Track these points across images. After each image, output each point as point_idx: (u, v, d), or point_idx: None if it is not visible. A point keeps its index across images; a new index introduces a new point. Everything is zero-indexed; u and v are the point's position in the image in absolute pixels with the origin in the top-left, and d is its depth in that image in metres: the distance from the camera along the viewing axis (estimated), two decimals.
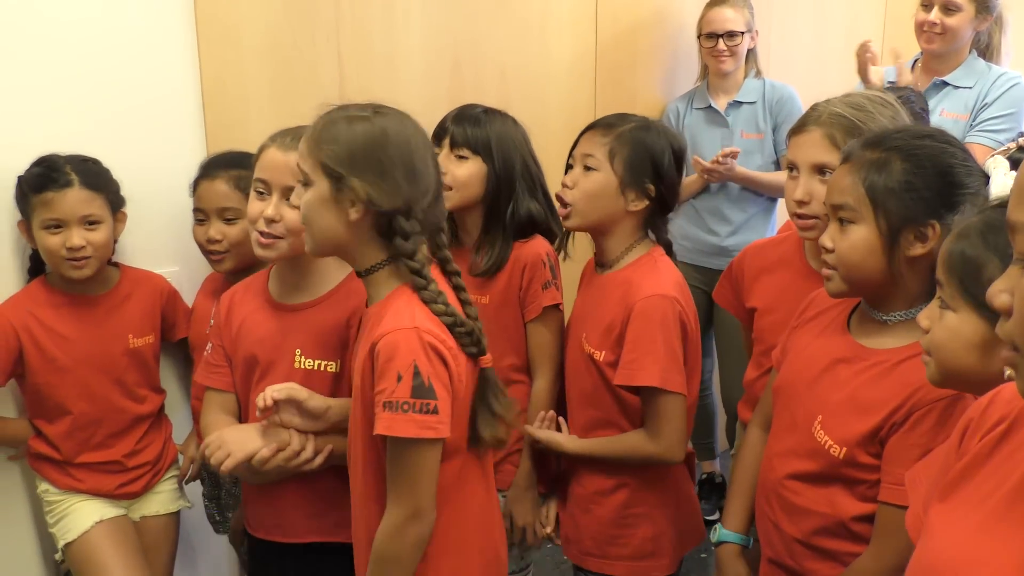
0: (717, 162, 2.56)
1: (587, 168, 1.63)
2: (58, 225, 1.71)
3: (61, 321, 1.80)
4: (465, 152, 1.75)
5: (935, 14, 2.45)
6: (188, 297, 2.01)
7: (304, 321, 1.55)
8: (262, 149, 1.55)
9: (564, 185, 1.66)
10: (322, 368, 1.53)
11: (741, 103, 2.71)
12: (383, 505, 1.33)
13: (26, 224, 1.75)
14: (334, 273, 1.57)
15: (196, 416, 1.94)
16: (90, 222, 1.74)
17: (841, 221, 1.31)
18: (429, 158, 1.35)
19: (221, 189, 1.85)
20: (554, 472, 1.81)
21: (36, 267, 1.83)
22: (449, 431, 1.30)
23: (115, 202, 1.81)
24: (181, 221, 1.95)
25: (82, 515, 1.85)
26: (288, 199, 1.49)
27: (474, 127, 1.76)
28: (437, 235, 1.40)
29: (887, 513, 1.26)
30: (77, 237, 1.71)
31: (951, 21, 2.44)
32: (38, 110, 1.79)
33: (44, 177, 1.71)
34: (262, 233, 1.51)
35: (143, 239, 1.95)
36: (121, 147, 1.87)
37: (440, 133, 1.78)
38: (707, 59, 2.73)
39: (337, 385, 1.53)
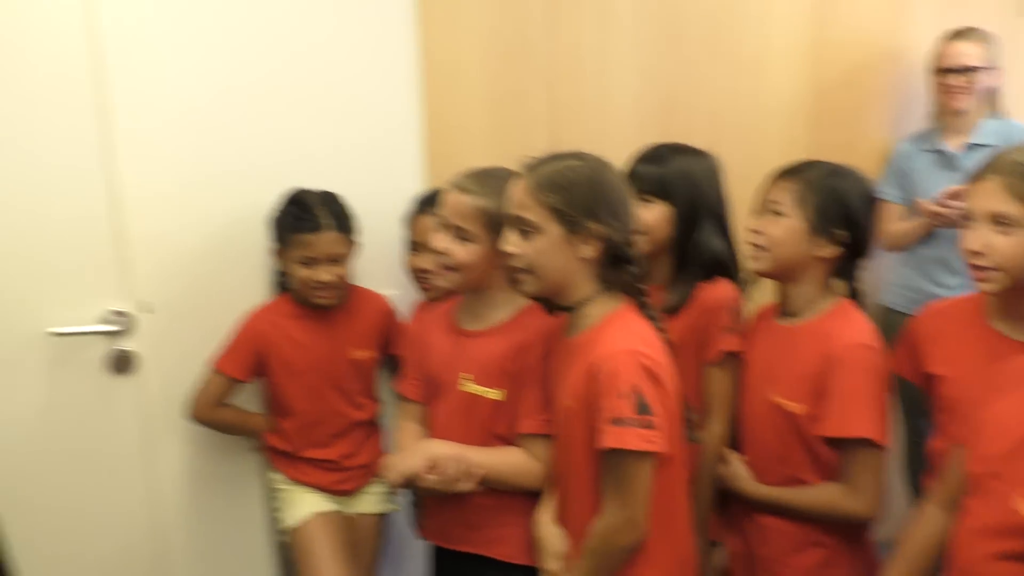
0: (943, 204, 2.39)
1: (776, 213, 1.62)
2: (310, 261, 1.97)
3: (299, 330, 2.05)
4: (649, 196, 1.77)
5: None
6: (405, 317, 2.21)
7: (475, 348, 1.66)
8: (447, 190, 1.70)
9: (753, 230, 1.67)
10: (484, 395, 1.64)
11: (977, 146, 2.51)
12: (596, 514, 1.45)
13: (281, 253, 2.01)
14: (508, 305, 1.68)
15: None
16: (337, 259, 1.98)
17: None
18: (630, 189, 1.51)
19: (432, 223, 2.02)
20: (724, 520, 1.78)
21: (282, 283, 2.11)
22: (666, 446, 1.40)
23: (354, 237, 2.05)
24: (401, 248, 2.17)
25: (303, 505, 2.08)
26: (459, 237, 1.63)
27: (657, 167, 1.78)
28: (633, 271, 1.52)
29: None
30: (325, 273, 1.96)
31: None
32: (285, 145, 2.08)
33: (301, 220, 1.96)
34: (440, 264, 1.67)
35: (369, 262, 2.18)
36: (353, 178, 2.11)
37: (629, 175, 1.82)
38: (940, 96, 2.57)
39: (497, 413, 1.62)
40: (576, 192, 1.43)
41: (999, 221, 1.45)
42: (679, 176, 1.77)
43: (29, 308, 1.77)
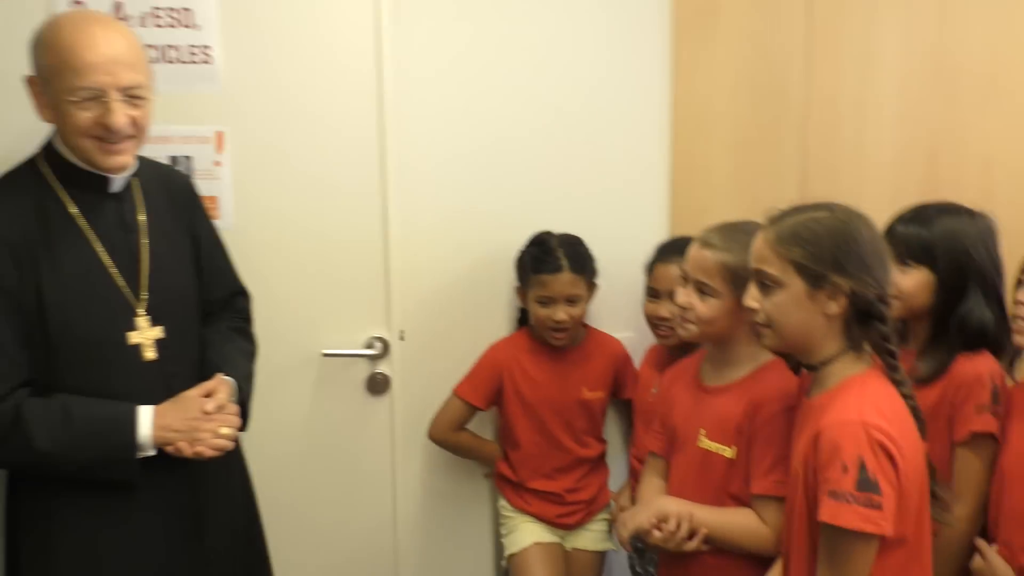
0: None
1: None
2: (547, 301, 2.06)
3: (534, 365, 2.14)
4: (909, 261, 1.68)
5: None
6: (637, 361, 2.23)
7: (712, 403, 1.65)
8: (691, 243, 1.70)
9: (1018, 301, 1.53)
10: (719, 451, 1.62)
11: None
12: None
13: (522, 291, 2.13)
14: (750, 361, 1.65)
15: (631, 472, 2.17)
16: (573, 300, 2.06)
17: None
18: (885, 242, 1.44)
19: (675, 273, 2.00)
20: None
21: (523, 319, 2.22)
22: (892, 528, 1.31)
23: (592, 279, 2.11)
24: (640, 294, 2.19)
25: (525, 533, 2.16)
26: (700, 292, 1.63)
27: (920, 228, 1.68)
28: (882, 335, 1.43)
29: None
30: (561, 313, 2.04)
31: None
32: (536, 188, 2.18)
33: (541, 260, 2.06)
34: (681, 317, 1.68)
35: (608, 305, 2.23)
36: (598, 222, 2.18)
37: (887, 235, 1.73)
38: None
39: (731, 471, 1.60)
40: (820, 245, 1.38)
41: None
42: (945, 240, 1.66)
43: (308, 331, 1.99)
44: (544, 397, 2.14)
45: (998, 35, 2.21)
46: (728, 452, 1.61)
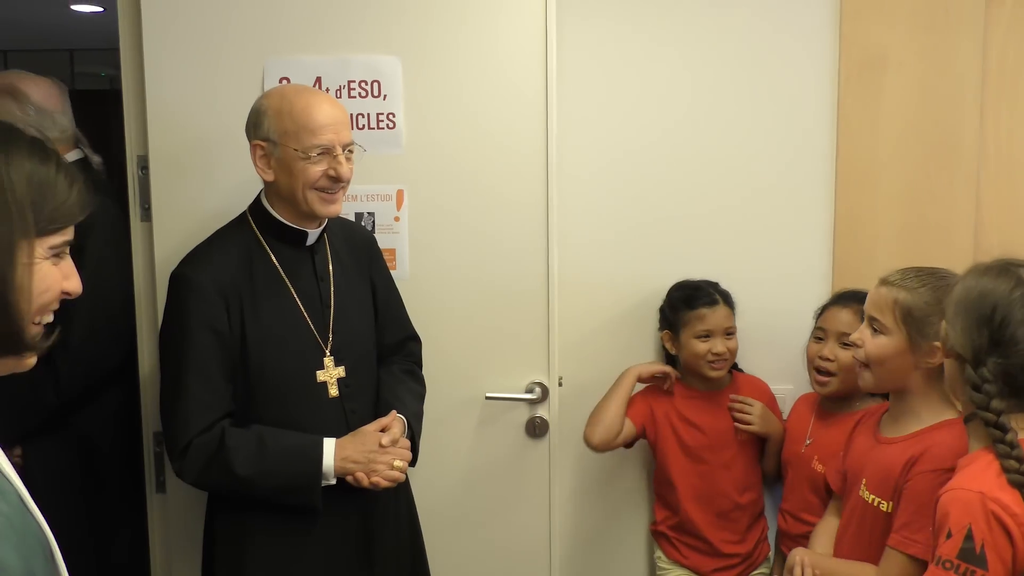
0: None
1: None
2: (707, 334, 2.11)
3: (689, 409, 2.17)
4: None
5: None
6: (786, 412, 2.21)
7: (879, 455, 1.63)
8: (879, 284, 1.69)
9: None
10: (876, 504, 1.60)
11: None
12: None
13: (672, 335, 2.18)
14: (930, 416, 1.62)
15: (778, 532, 2.14)
16: (729, 333, 2.12)
17: None
18: (1021, 319, 1.33)
19: (846, 317, 2.00)
20: None
21: (670, 363, 2.24)
22: None
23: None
24: (800, 349, 2.17)
25: None
26: (872, 329, 1.63)
27: None
28: None
29: None
30: (720, 344, 2.11)
31: None
32: (693, 241, 2.24)
33: (694, 297, 2.14)
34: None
35: (764, 355, 2.24)
36: (757, 275, 2.22)
37: None
38: None
39: (887, 525, 1.57)
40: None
41: None
42: None
43: (473, 375, 2.11)
44: (704, 440, 2.16)
45: None
46: (885, 506, 1.59)
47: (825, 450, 1.98)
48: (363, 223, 2.05)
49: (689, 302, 2.15)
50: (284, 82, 1.98)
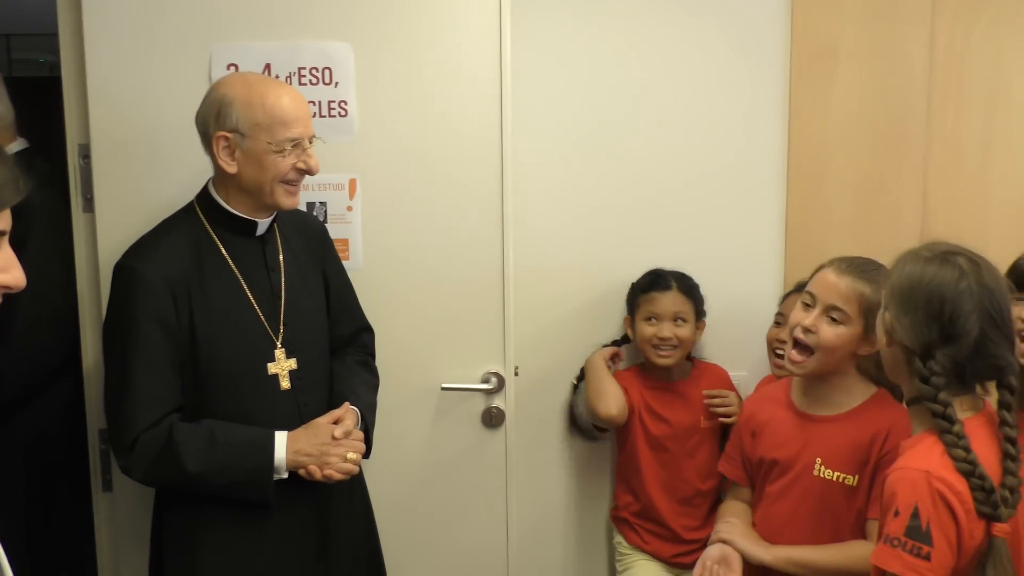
0: None
1: None
2: (655, 318, 2.13)
3: (652, 399, 2.18)
4: None
5: None
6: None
7: (828, 433, 1.66)
8: (819, 268, 1.72)
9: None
10: (840, 480, 1.62)
11: None
12: None
13: (631, 318, 2.20)
14: (861, 390, 1.68)
15: None
16: (679, 319, 2.12)
17: None
18: (968, 311, 1.34)
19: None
20: None
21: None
22: None
23: (699, 310, 2.16)
24: (756, 334, 2.19)
25: (641, 571, 2.18)
26: (829, 317, 1.64)
27: None
28: (1000, 391, 1.38)
29: None
30: (667, 330, 2.11)
31: None
32: (650, 228, 2.24)
33: (652, 283, 2.16)
34: (796, 342, 1.68)
35: (719, 344, 2.26)
36: (710, 263, 2.22)
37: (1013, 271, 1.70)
38: None
39: (852, 498, 1.60)
40: (889, 283, 1.41)
41: None
42: None
43: (428, 366, 2.09)
44: (668, 430, 2.17)
45: None
46: (852, 480, 1.62)
47: None
48: (315, 213, 2.01)
49: (645, 286, 2.18)
50: (232, 69, 1.93)
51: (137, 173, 1.94)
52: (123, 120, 1.93)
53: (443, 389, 2.09)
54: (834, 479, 1.64)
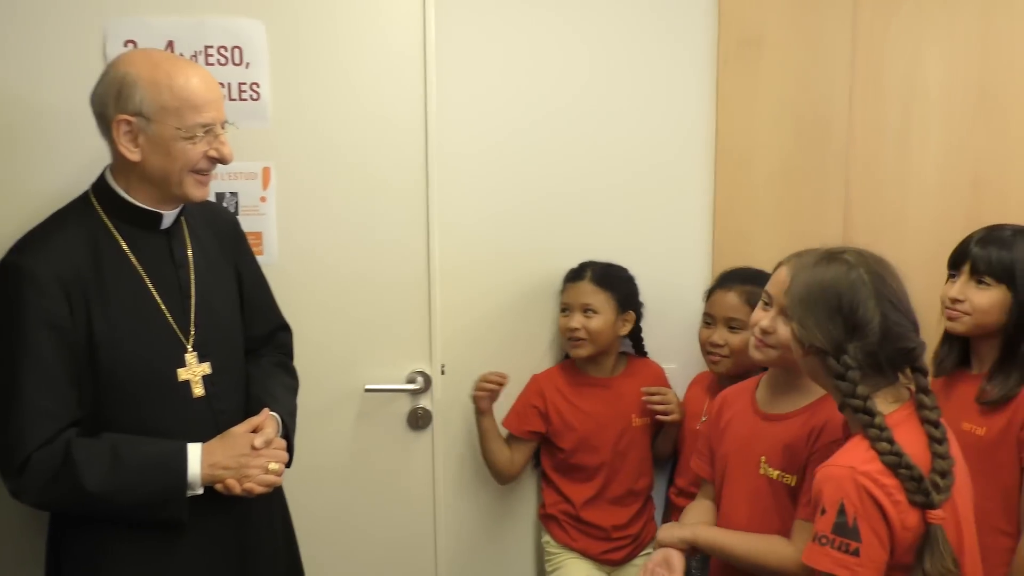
0: None
1: None
2: (566, 308, 2.09)
3: (580, 397, 2.14)
4: (987, 280, 1.69)
5: None
6: (679, 391, 2.20)
7: (774, 431, 1.63)
8: (779, 265, 1.69)
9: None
10: (781, 479, 1.61)
11: None
12: None
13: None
14: (815, 390, 1.63)
15: (669, 506, 2.15)
16: (589, 311, 2.07)
17: None
18: (865, 300, 1.37)
19: (732, 301, 2.01)
20: None
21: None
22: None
23: (622, 301, 2.10)
24: (685, 325, 2.17)
25: (571, 570, 2.14)
26: (786, 316, 1.59)
27: (1000, 251, 1.69)
28: (916, 375, 1.41)
29: None
30: (575, 321, 2.08)
31: None
32: (579, 222, 2.18)
33: (570, 273, 2.12)
34: (757, 338, 1.65)
35: (650, 335, 2.22)
36: (639, 255, 2.18)
37: (960, 256, 1.75)
38: None
39: (794, 499, 1.59)
40: (792, 291, 1.44)
41: None
42: None
43: (350, 366, 1.98)
44: (595, 427, 2.13)
45: None
46: (792, 480, 1.60)
47: None
48: (225, 204, 1.87)
49: (566, 276, 2.14)
50: (130, 46, 1.76)
51: (23, 161, 1.76)
52: (6, 103, 1.74)
53: (367, 391, 1.98)
54: (776, 478, 1.62)
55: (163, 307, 1.54)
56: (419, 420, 2.04)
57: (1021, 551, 1.62)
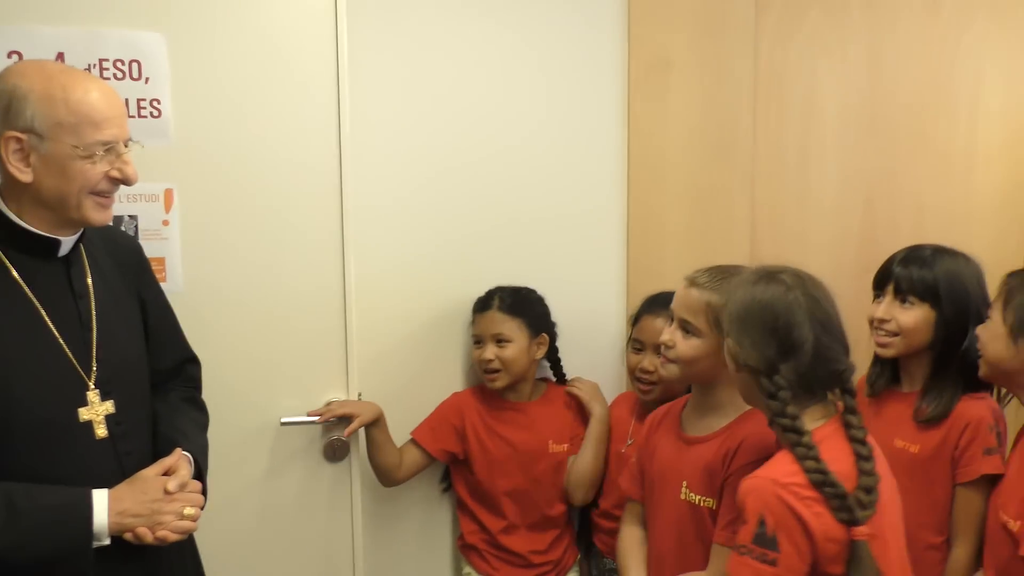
0: None
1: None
2: (478, 339, 2.05)
3: (498, 421, 2.09)
4: (911, 299, 1.73)
5: None
6: None
7: (694, 454, 1.64)
8: (684, 282, 1.70)
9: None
10: (701, 503, 1.61)
11: None
12: None
13: None
14: (731, 410, 1.64)
15: (594, 527, 2.13)
16: (501, 340, 2.03)
17: None
18: (801, 320, 1.39)
19: (660, 325, 1.99)
20: None
21: None
22: None
23: (534, 327, 2.07)
24: (604, 347, 2.17)
25: None
26: (684, 330, 1.63)
27: (920, 270, 1.73)
28: (843, 395, 1.43)
29: None
30: (489, 352, 2.03)
31: None
32: (491, 243, 2.15)
33: (478, 302, 2.09)
34: (663, 355, 1.67)
35: (566, 357, 2.19)
36: (554, 275, 2.17)
37: (884, 277, 1.79)
38: None
39: (714, 523, 1.58)
40: (725, 311, 1.46)
41: None
42: (947, 279, 1.72)
43: (263, 397, 1.87)
44: (511, 453, 2.09)
45: (924, 90, 2.34)
46: (712, 503, 1.60)
47: None
48: (123, 228, 1.74)
49: (474, 306, 2.10)
50: (15, 57, 1.62)
51: None
52: None
53: (283, 424, 1.88)
54: (697, 503, 1.62)
55: (61, 342, 1.40)
56: (336, 452, 1.95)
57: (951, 566, 1.67)
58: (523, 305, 2.08)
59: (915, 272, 1.72)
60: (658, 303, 2.04)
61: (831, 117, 2.30)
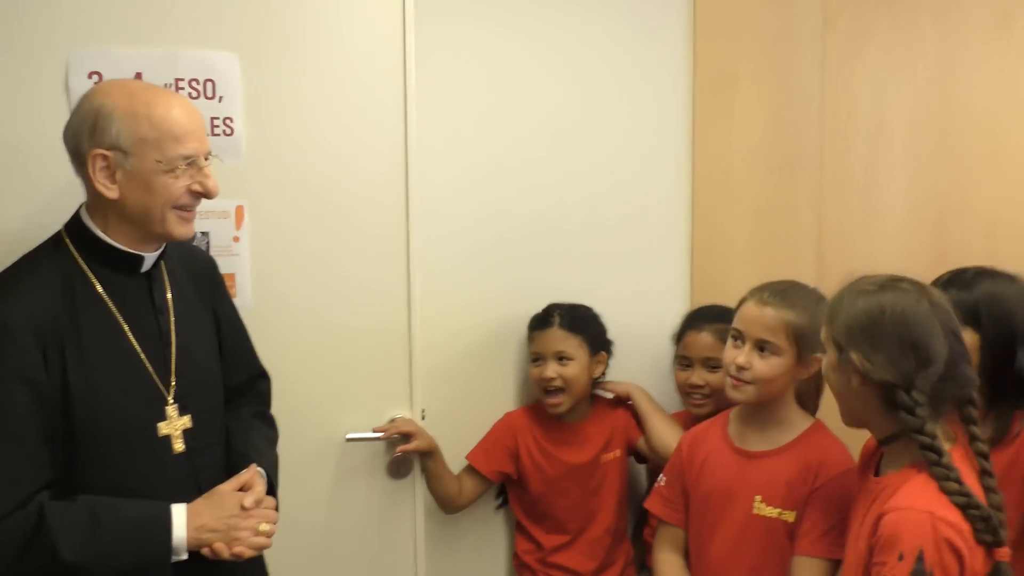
0: None
1: None
2: (538, 358, 2.03)
3: (548, 440, 2.08)
4: None
5: None
6: None
7: (765, 468, 1.61)
8: (742, 301, 1.69)
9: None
10: (780, 517, 1.58)
11: None
12: None
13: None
14: (797, 423, 1.64)
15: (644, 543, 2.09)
16: (563, 358, 2.01)
17: None
18: (936, 331, 1.33)
19: (707, 340, 2.00)
20: None
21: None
22: None
23: (594, 344, 2.05)
24: (663, 366, 2.15)
25: None
26: (760, 350, 1.60)
27: (960, 292, 1.67)
28: (964, 409, 1.37)
29: None
30: (550, 370, 2.01)
31: None
32: (555, 261, 2.15)
33: (535, 320, 2.07)
34: (733, 377, 1.63)
35: (627, 375, 2.16)
36: (616, 293, 2.15)
37: None
38: None
39: (791, 536, 1.56)
40: (844, 321, 1.37)
41: None
42: (988, 301, 1.66)
43: (329, 413, 1.88)
44: (565, 471, 2.07)
45: (999, 105, 2.29)
46: (791, 517, 1.58)
47: None
48: (195, 243, 1.76)
49: (531, 325, 2.09)
50: (95, 78, 1.65)
51: None
52: None
53: (348, 440, 1.88)
54: (775, 516, 1.60)
55: (143, 356, 1.42)
56: (399, 468, 1.95)
57: None
58: (583, 322, 2.06)
59: (954, 295, 1.65)
60: (699, 318, 2.04)
61: (900, 133, 2.25)
